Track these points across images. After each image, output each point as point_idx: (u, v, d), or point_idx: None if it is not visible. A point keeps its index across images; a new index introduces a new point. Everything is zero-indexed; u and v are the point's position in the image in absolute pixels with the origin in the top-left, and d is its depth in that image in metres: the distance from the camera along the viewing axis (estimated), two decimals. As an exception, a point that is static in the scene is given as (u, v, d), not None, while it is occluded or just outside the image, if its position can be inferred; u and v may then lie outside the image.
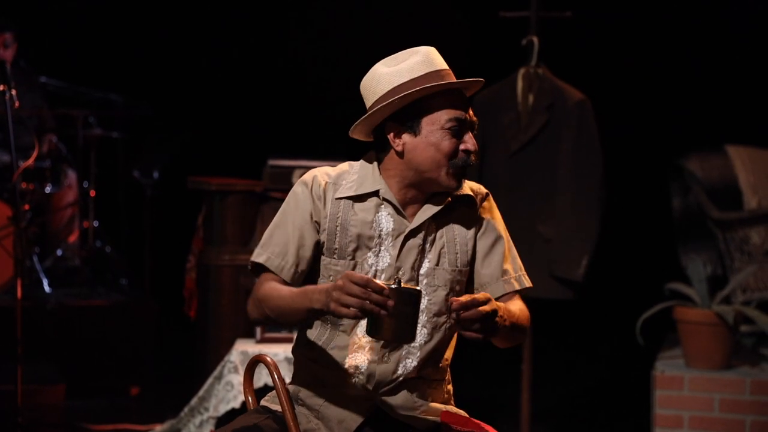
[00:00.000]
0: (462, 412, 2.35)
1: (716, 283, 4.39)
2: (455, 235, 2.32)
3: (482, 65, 5.70)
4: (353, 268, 2.26)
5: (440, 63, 2.26)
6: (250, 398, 2.36)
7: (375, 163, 2.31)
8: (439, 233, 2.31)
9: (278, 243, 2.27)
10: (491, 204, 2.39)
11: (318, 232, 2.27)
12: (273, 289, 2.22)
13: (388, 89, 2.23)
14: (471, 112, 2.28)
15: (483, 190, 2.39)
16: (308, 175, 2.32)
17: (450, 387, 2.40)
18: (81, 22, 6.62)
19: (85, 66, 6.50)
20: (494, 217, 2.38)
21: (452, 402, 2.40)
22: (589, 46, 5.94)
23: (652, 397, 4.18)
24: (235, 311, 4.39)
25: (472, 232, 2.34)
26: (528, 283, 2.38)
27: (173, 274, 5.16)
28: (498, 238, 2.35)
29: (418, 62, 2.24)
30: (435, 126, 2.22)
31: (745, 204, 4.85)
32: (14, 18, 5.91)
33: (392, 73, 2.24)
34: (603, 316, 6.02)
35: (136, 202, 6.30)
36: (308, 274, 2.29)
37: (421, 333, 2.27)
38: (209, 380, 4.14)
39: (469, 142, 2.25)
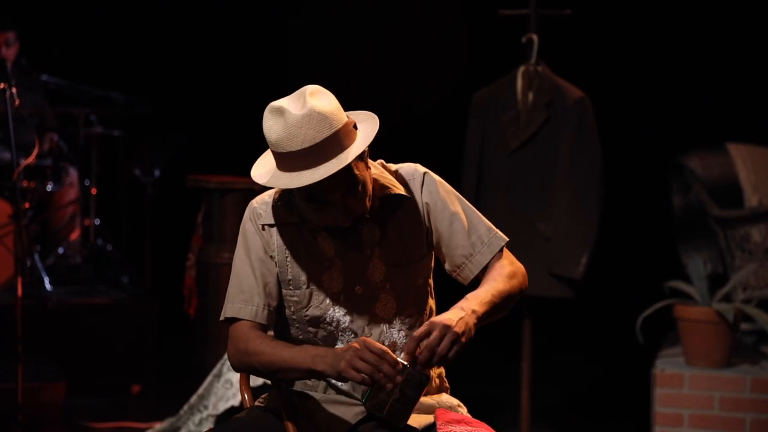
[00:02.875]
0: (456, 401, 2.33)
1: (716, 282, 4.38)
2: (401, 230, 2.24)
3: (482, 63, 5.73)
4: (310, 297, 2.22)
5: (303, 140, 2.07)
6: (246, 396, 2.34)
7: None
8: (384, 235, 2.23)
9: (244, 290, 2.22)
10: (432, 182, 2.26)
11: (276, 266, 2.23)
12: (266, 344, 2.17)
13: (270, 149, 2.13)
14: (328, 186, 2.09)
15: (419, 170, 2.27)
16: (248, 210, 2.26)
17: (441, 370, 2.35)
18: (82, 21, 6.62)
19: (85, 64, 6.51)
20: (441, 194, 2.26)
21: (447, 384, 2.36)
22: (588, 44, 5.93)
23: (652, 395, 4.17)
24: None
25: (418, 220, 2.25)
26: (502, 241, 2.27)
27: (174, 272, 5.17)
28: (453, 214, 2.25)
29: (284, 138, 2.07)
30: (300, 199, 2.15)
31: (746, 202, 4.84)
32: (16, 17, 5.92)
33: (268, 137, 2.11)
34: (603, 314, 6.02)
35: (138, 200, 6.31)
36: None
37: (398, 336, 2.24)
38: (209, 378, 4.14)
39: (338, 217, 2.13)
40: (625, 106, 5.97)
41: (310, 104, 2.09)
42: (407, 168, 2.29)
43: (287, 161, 2.09)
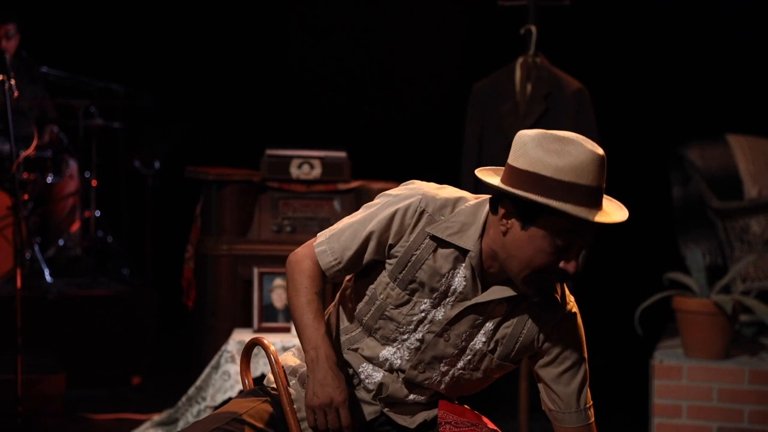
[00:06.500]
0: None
1: (716, 273, 4.38)
2: (522, 331, 2.20)
3: (480, 54, 5.72)
4: (404, 303, 2.17)
5: (597, 178, 2.03)
6: (246, 381, 2.33)
7: (484, 218, 2.13)
8: (506, 320, 2.19)
9: (341, 241, 2.17)
10: (578, 323, 2.24)
11: (386, 254, 2.17)
12: (309, 292, 2.16)
13: (531, 170, 2.02)
14: (590, 232, 2.08)
15: (573, 306, 2.24)
16: (416, 194, 2.16)
17: None
18: (82, 12, 6.62)
19: (86, 56, 6.51)
20: (578, 336, 2.24)
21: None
22: (587, 35, 5.92)
23: (651, 386, 4.18)
24: (233, 301, 4.39)
25: (541, 337, 2.21)
26: (592, 416, 2.32)
27: (174, 263, 5.17)
28: (581, 361, 2.25)
29: (577, 168, 2.01)
30: (546, 232, 2.04)
31: (746, 193, 4.84)
32: (16, 9, 5.92)
33: (545, 160, 2.02)
34: (602, 306, 6.02)
35: (138, 192, 6.31)
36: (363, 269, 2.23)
37: (442, 382, 2.23)
38: (206, 370, 4.15)
39: (570, 264, 2.07)
40: (624, 97, 5.95)
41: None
42: (567, 292, 2.25)
43: (575, 193, 2.01)
